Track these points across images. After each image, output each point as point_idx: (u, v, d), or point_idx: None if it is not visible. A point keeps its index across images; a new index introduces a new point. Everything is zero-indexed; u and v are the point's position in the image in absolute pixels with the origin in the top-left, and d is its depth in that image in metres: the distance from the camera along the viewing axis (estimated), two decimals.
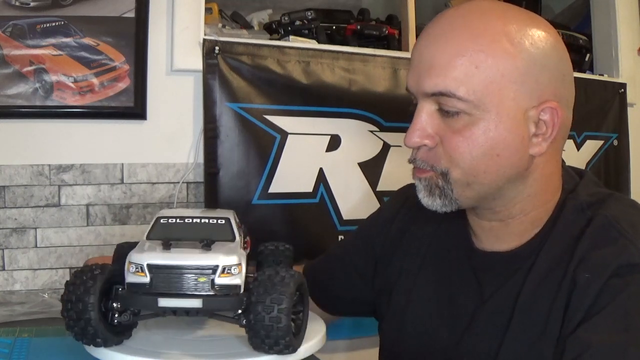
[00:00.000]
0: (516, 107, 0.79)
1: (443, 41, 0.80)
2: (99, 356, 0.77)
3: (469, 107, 0.79)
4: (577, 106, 0.89)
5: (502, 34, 0.79)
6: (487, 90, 0.78)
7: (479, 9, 0.82)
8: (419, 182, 0.86)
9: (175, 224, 0.80)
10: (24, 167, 1.48)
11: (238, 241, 0.78)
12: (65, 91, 1.47)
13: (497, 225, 0.88)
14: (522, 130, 0.80)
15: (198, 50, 1.58)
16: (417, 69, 0.83)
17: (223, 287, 0.70)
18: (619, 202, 0.84)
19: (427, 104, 0.82)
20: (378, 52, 1.80)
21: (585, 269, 0.76)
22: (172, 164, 1.60)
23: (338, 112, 1.71)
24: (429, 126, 0.82)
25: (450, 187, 0.83)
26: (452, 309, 0.90)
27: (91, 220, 1.53)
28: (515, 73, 0.79)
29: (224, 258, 0.71)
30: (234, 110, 1.58)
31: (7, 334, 1.02)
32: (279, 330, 0.71)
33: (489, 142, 0.80)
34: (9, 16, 1.43)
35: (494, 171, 0.81)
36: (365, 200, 1.74)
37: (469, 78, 0.78)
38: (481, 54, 0.78)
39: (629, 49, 2.23)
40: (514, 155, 0.81)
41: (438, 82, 0.79)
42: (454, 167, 0.82)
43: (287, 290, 0.71)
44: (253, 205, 1.59)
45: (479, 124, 0.79)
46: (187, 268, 0.70)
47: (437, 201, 0.85)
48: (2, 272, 1.46)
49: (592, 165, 2.15)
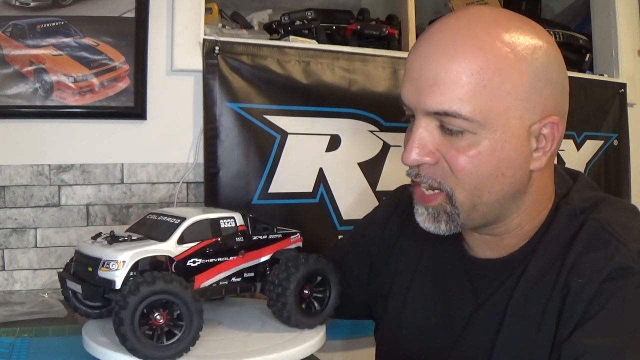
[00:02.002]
0: (521, 125, 0.77)
1: (447, 56, 0.75)
2: (99, 356, 0.77)
3: (474, 126, 0.76)
4: (577, 106, 0.89)
5: (509, 48, 0.75)
6: (493, 110, 0.75)
7: (481, 18, 0.78)
8: (424, 209, 0.83)
9: (145, 220, 0.87)
10: (24, 167, 1.48)
11: (169, 242, 0.79)
12: (65, 91, 1.47)
13: (491, 239, 0.87)
14: (525, 147, 0.79)
15: (198, 50, 1.58)
16: (417, 83, 0.78)
17: (102, 280, 0.76)
18: (612, 205, 0.83)
19: (426, 120, 0.78)
20: (378, 52, 1.80)
21: (578, 274, 0.76)
22: (172, 164, 1.60)
23: (338, 112, 1.71)
24: (429, 143, 0.79)
25: (457, 211, 0.80)
26: (448, 313, 0.90)
27: (91, 220, 1.53)
28: (521, 89, 0.76)
29: (109, 253, 0.76)
30: (234, 110, 1.58)
31: (7, 334, 1.02)
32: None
33: (495, 162, 0.77)
34: (9, 16, 1.43)
35: (498, 190, 0.79)
36: (365, 200, 1.74)
37: (475, 97, 0.75)
38: (488, 71, 0.74)
39: (629, 49, 2.23)
40: (517, 173, 0.79)
41: (443, 101, 0.75)
42: (459, 188, 0.79)
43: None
44: (253, 205, 1.59)
45: (484, 143, 0.77)
46: (85, 257, 0.79)
47: (442, 227, 0.82)
48: (2, 272, 1.46)
49: (592, 166, 2.15)
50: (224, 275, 0.84)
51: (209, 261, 0.82)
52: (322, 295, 0.90)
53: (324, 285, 0.91)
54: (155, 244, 0.79)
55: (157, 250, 0.78)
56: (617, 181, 2.21)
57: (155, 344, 0.73)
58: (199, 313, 0.76)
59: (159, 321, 0.74)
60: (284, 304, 0.86)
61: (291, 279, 0.85)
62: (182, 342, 0.75)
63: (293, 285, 0.85)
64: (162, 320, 0.74)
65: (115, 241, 0.79)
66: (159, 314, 0.74)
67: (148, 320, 0.73)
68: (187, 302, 0.74)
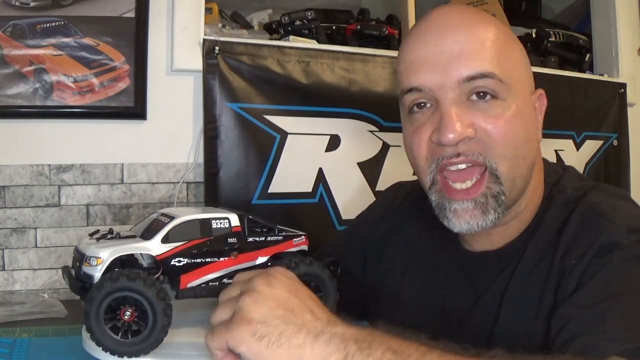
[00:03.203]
0: (530, 91, 0.83)
1: (466, 28, 0.80)
2: (99, 356, 0.77)
3: (504, 90, 0.79)
4: (577, 106, 0.92)
5: (504, 27, 0.83)
6: (513, 74, 0.80)
7: (469, 7, 0.86)
8: (469, 203, 0.80)
9: (147, 219, 0.88)
10: (24, 167, 1.48)
11: (153, 241, 0.79)
12: (65, 91, 1.47)
13: (496, 230, 0.85)
14: (535, 114, 0.84)
15: (198, 50, 1.58)
16: (439, 61, 0.79)
17: (85, 275, 0.78)
18: (602, 191, 0.85)
19: (455, 94, 0.79)
20: (378, 52, 1.80)
21: (571, 255, 0.77)
22: (172, 164, 1.60)
23: (338, 112, 1.71)
24: (466, 116, 0.78)
25: (502, 188, 0.79)
26: (443, 309, 0.90)
27: (91, 220, 1.53)
28: (524, 60, 0.84)
29: (92, 250, 0.77)
30: (233, 110, 1.58)
31: (7, 334, 1.02)
32: None
33: (526, 125, 0.81)
34: (9, 16, 1.43)
35: (529, 157, 0.82)
36: (365, 200, 1.72)
37: (500, 61, 0.79)
38: (502, 40, 0.80)
39: (629, 49, 2.23)
40: (536, 140, 0.84)
41: (477, 65, 0.78)
42: (501, 159, 0.79)
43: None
44: (253, 205, 1.60)
45: (513, 107, 0.79)
46: (77, 253, 0.81)
47: (490, 217, 0.80)
48: (2, 272, 1.46)
49: (591, 166, 2.16)
50: (214, 276, 0.83)
51: (196, 261, 0.82)
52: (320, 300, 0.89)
53: (320, 292, 0.89)
54: (139, 242, 0.80)
55: (137, 248, 0.79)
56: (617, 181, 2.21)
57: (118, 339, 0.74)
58: (164, 311, 0.75)
59: (127, 318, 0.75)
60: None
61: None
62: (146, 339, 0.75)
63: None
64: (130, 317, 0.75)
65: (103, 238, 0.81)
66: (128, 310, 0.75)
67: (116, 315, 0.74)
68: (150, 299, 0.75)
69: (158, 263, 0.79)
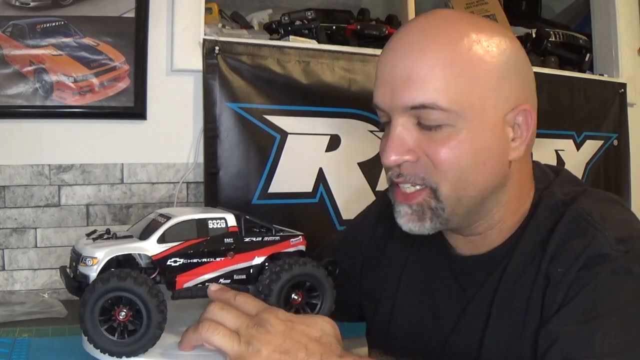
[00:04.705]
0: (496, 113, 0.79)
1: (419, 51, 0.77)
2: (99, 356, 0.77)
3: (452, 118, 0.77)
4: (577, 106, 0.90)
5: (476, 42, 0.78)
6: (468, 100, 0.77)
7: (446, 17, 0.81)
8: (408, 208, 0.82)
9: (146, 218, 0.88)
10: (24, 167, 1.48)
11: (149, 241, 0.79)
12: (65, 91, 1.47)
13: (475, 238, 0.87)
14: (502, 136, 0.80)
15: (198, 50, 1.58)
16: (390, 83, 0.79)
17: (81, 275, 0.78)
18: (591, 196, 0.84)
19: (403, 118, 0.79)
20: (378, 52, 1.79)
21: (557, 263, 0.77)
22: (172, 164, 1.60)
23: (338, 112, 1.71)
24: (408, 140, 0.79)
25: (442, 205, 0.80)
26: (437, 313, 0.91)
27: (91, 220, 1.53)
28: (494, 79, 0.78)
29: (88, 250, 0.77)
30: (233, 110, 1.58)
31: (7, 334, 1.03)
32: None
33: (476, 151, 0.78)
34: (9, 16, 1.43)
35: (481, 181, 0.80)
36: (365, 200, 1.72)
37: (450, 88, 0.76)
38: (460, 62, 0.76)
39: (629, 49, 2.23)
40: (497, 163, 0.80)
41: (419, 95, 0.77)
42: (443, 181, 0.79)
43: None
44: (253, 205, 1.60)
45: (462, 134, 0.78)
46: (74, 253, 0.81)
47: (426, 225, 0.82)
48: (2, 272, 1.46)
49: (591, 166, 2.15)
50: (211, 276, 0.83)
51: (192, 261, 0.82)
52: (316, 301, 0.89)
53: (317, 291, 0.89)
54: (135, 242, 0.79)
55: (133, 248, 0.78)
56: (617, 181, 2.21)
57: (114, 339, 0.74)
58: (157, 308, 0.75)
59: (122, 318, 0.75)
60: None
61: (273, 285, 0.84)
62: (142, 338, 0.75)
63: (275, 291, 0.84)
64: (125, 317, 0.75)
65: (99, 238, 0.81)
66: (123, 310, 0.75)
67: (111, 316, 0.74)
68: (142, 297, 0.74)
69: (154, 263, 0.79)
